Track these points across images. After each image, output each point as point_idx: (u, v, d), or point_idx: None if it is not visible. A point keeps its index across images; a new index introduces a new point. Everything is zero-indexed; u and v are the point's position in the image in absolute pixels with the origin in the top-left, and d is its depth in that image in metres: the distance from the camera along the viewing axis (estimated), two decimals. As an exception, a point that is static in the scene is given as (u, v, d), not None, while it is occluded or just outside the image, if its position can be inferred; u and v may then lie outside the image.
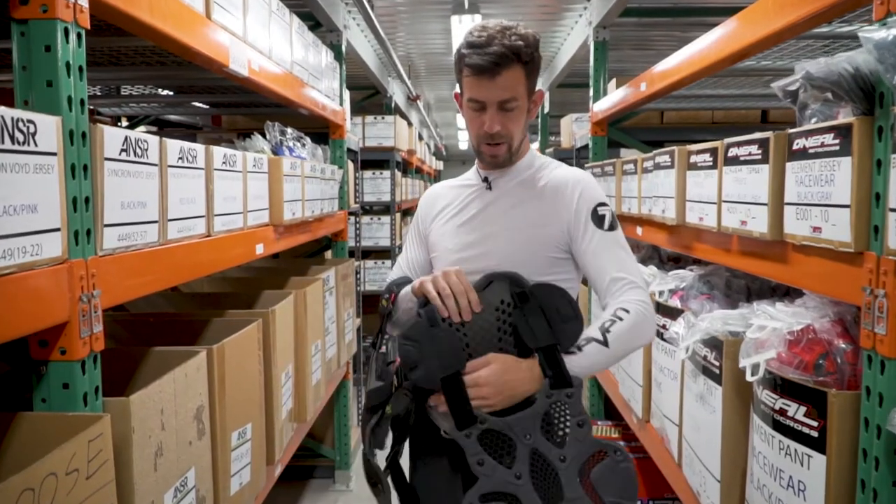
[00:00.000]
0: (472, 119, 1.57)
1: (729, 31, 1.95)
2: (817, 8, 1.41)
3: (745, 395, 1.68)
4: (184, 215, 1.59)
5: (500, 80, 1.49)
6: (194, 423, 1.54)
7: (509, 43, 1.48)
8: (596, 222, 1.56)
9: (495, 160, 1.59)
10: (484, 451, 1.33)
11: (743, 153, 1.60)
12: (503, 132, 1.54)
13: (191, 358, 1.54)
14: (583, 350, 1.43)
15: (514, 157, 1.61)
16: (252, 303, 2.46)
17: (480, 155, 1.61)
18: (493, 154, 1.58)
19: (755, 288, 2.11)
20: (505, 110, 1.52)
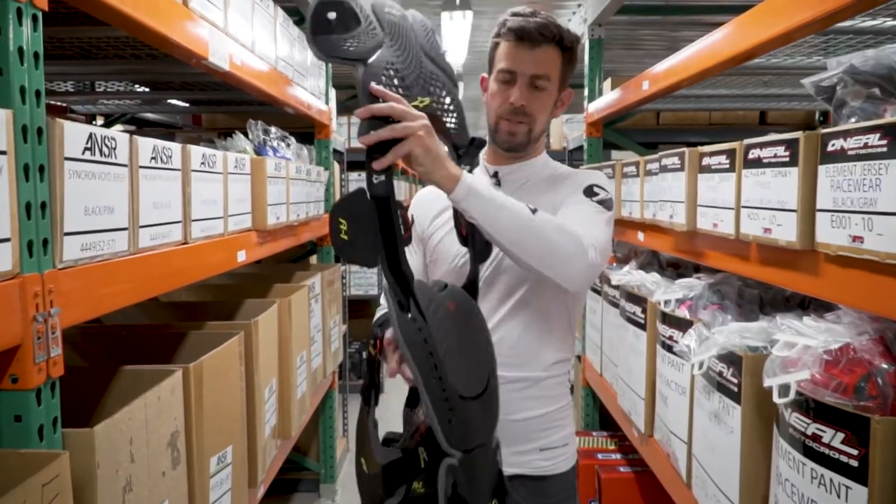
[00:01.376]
0: (497, 93, 1.48)
1: (740, 26, 1.83)
2: (841, 4, 1.30)
3: (766, 415, 1.56)
4: (157, 221, 1.44)
5: (539, 52, 1.44)
6: (168, 451, 1.40)
7: (554, 22, 1.45)
8: (585, 192, 1.46)
9: (512, 140, 1.48)
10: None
11: (767, 155, 1.48)
12: (528, 110, 1.46)
13: (165, 379, 1.39)
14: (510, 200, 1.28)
15: (530, 146, 1.51)
16: (233, 312, 2.31)
17: (497, 134, 1.50)
18: (511, 130, 1.47)
19: (768, 298, 2.00)
20: (535, 88, 1.45)
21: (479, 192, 1.24)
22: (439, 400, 1.17)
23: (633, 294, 2.42)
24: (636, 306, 2.39)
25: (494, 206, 1.25)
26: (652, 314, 2.24)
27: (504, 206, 1.26)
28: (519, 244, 1.29)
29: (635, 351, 2.43)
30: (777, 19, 1.62)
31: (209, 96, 3.04)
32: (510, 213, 1.26)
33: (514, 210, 1.27)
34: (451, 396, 1.19)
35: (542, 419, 1.50)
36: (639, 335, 2.38)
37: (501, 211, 1.26)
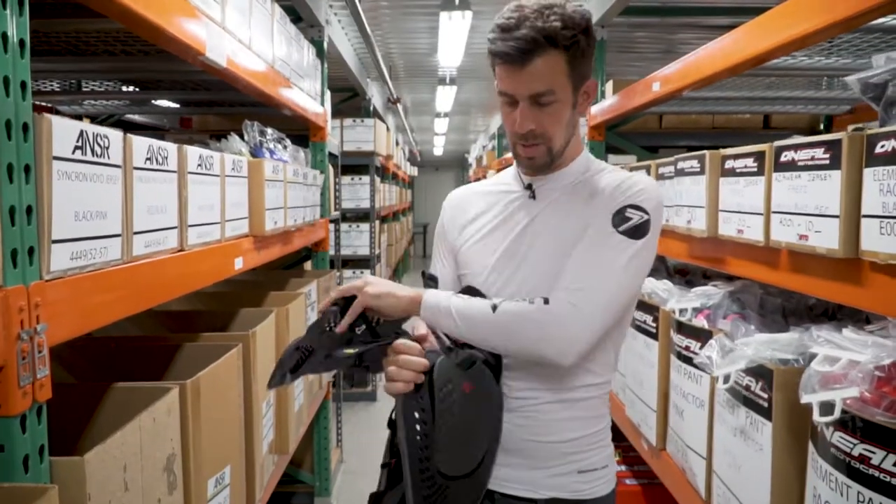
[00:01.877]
0: (505, 115, 1.35)
1: (757, 29, 1.76)
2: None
3: (800, 433, 1.47)
4: (153, 227, 1.34)
5: (532, 69, 1.25)
6: (164, 475, 1.29)
7: (543, 25, 1.23)
8: (614, 219, 1.30)
9: (532, 164, 1.36)
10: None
11: (803, 157, 1.39)
12: (538, 131, 1.31)
13: (160, 398, 1.29)
14: (470, 302, 1.29)
15: (556, 160, 1.37)
16: (228, 322, 2.21)
17: (517, 157, 1.38)
18: (528, 156, 1.35)
19: (790, 307, 1.92)
20: (540, 105, 1.28)
21: (439, 308, 1.29)
22: (417, 471, 1.23)
23: (644, 302, 2.34)
24: (647, 315, 2.31)
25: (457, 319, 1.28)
26: (665, 323, 2.16)
27: (464, 314, 1.28)
28: (492, 344, 1.31)
29: (646, 361, 2.35)
30: (795, 21, 1.55)
31: (200, 97, 2.93)
32: (472, 320, 1.28)
33: (475, 315, 1.28)
34: (431, 472, 1.23)
35: (582, 440, 1.40)
36: (650, 345, 2.30)
37: (464, 323, 1.28)
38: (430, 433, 1.22)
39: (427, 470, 1.22)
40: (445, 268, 1.48)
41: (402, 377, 1.22)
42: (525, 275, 1.36)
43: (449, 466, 1.24)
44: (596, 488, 1.42)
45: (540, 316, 1.24)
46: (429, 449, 1.22)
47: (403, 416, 1.22)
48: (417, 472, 1.22)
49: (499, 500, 1.41)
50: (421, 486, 1.22)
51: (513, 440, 1.38)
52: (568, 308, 1.24)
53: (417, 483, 1.22)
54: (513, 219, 1.41)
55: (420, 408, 1.22)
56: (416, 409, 1.22)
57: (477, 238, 1.44)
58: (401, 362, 1.23)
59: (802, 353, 1.54)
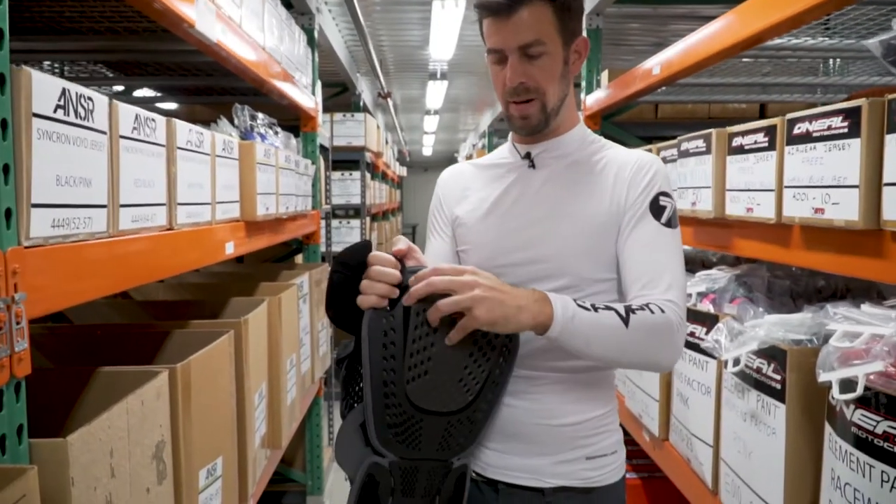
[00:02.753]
0: (495, 76, 1.29)
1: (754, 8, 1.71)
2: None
3: (815, 415, 1.42)
4: (140, 201, 1.27)
5: (519, 18, 1.22)
6: (153, 463, 1.22)
7: None
8: (654, 212, 1.28)
9: (527, 123, 1.30)
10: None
11: (818, 128, 1.34)
12: (530, 85, 1.25)
13: (149, 381, 1.22)
14: (598, 311, 1.16)
15: (551, 121, 1.31)
16: (218, 312, 2.13)
17: (510, 120, 1.32)
18: (522, 114, 1.28)
19: (799, 290, 1.87)
20: (529, 57, 1.24)
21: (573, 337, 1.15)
22: (380, 395, 1.13)
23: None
24: (649, 302, 2.25)
25: (589, 337, 1.16)
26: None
27: (587, 336, 1.16)
28: (616, 361, 1.25)
29: (648, 350, 2.29)
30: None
31: (186, 83, 2.85)
32: (600, 334, 1.17)
33: (603, 331, 1.17)
34: (398, 398, 1.13)
35: (588, 424, 1.33)
36: (652, 333, 2.24)
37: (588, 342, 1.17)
38: (397, 355, 1.12)
39: (392, 395, 1.12)
40: (444, 242, 1.41)
41: (374, 290, 1.11)
42: (534, 243, 1.30)
43: (422, 398, 1.14)
44: (605, 475, 1.35)
45: (667, 327, 1.19)
46: (395, 373, 1.12)
47: (369, 333, 1.11)
48: (381, 397, 1.12)
49: (503, 491, 1.34)
50: (384, 412, 1.13)
51: (514, 424, 1.31)
52: (677, 313, 1.22)
53: (380, 409, 1.12)
54: (514, 190, 1.35)
55: (390, 327, 1.12)
56: (385, 327, 1.12)
57: (477, 211, 1.37)
58: (373, 274, 1.12)
59: (816, 333, 1.49)
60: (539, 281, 1.28)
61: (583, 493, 1.31)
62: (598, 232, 1.29)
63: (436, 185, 1.48)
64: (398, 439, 1.15)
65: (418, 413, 1.14)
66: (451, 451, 1.22)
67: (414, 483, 1.19)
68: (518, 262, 1.30)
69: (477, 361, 1.18)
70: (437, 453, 1.20)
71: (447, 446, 1.20)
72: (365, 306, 1.12)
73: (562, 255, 1.28)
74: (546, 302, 1.14)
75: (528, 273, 1.29)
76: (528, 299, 1.13)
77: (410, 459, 1.18)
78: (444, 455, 1.21)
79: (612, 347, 1.17)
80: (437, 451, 1.20)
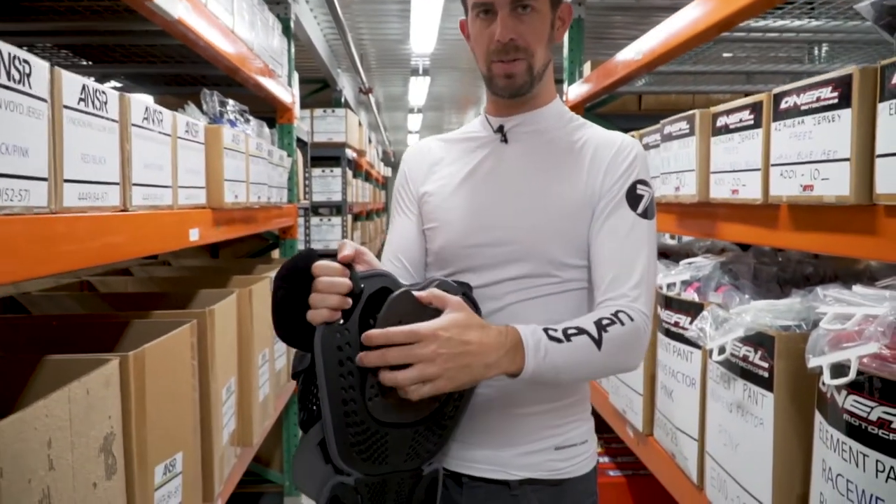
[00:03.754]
0: (479, 33, 1.22)
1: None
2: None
3: (804, 403, 1.36)
4: (88, 178, 1.19)
5: None
6: (101, 457, 1.14)
7: None
8: (630, 201, 1.22)
9: (511, 83, 1.22)
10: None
11: (806, 101, 1.28)
12: (520, 42, 1.19)
13: (96, 368, 1.13)
14: (571, 340, 1.09)
15: (535, 85, 1.25)
16: (185, 304, 2.05)
17: (493, 81, 1.24)
18: (507, 72, 1.21)
19: (786, 277, 1.81)
20: (520, 13, 1.18)
21: (543, 374, 1.09)
22: (340, 414, 1.03)
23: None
24: (632, 293, 2.19)
25: (554, 371, 1.10)
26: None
27: (563, 367, 1.10)
28: (584, 379, 1.28)
29: (631, 342, 2.23)
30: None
31: (157, 70, 2.76)
32: (575, 362, 1.12)
33: (578, 359, 1.12)
34: (359, 416, 1.04)
35: (556, 412, 1.26)
36: (636, 325, 2.18)
37: (563, 372, 1.11)
38: (355, 371, 1.03)
39: (354, 413, 1.04)
40: (409, 221, 1.34)
41: (325, 303, 1.01)
42: (505, 221, 1.23)
43: (385, 413, 1.06)
44: (575, 466, 1.28)
45: (636, 337, 1.16)
46: (354, 390, 1.03)
47: (323, 351, 1.02)
48: (341, 416, 1.03)
49: (467, 485, 1.26)
50: (345, 431, 1.04)
51: (478, 414, 1.23)
52: (644, 318, 1.18)
53: (341, 428, 1.03)
54: (484, 165, 1.28)
55: (345, 342, 1.03)
56: (340, 342, 1.03)
57: (445, 188, 1.30)
58: (321, 286, 1.03)
59: (805, 319, 1.43)
60: (507, 265, 1.22)
61: (551, 485, 1.24)
62: (570, 214, 1.23)
63: (401, 161, 1.41)
64: (362, 457, 1.07)
65: (382, 428, 1.07)
66: (421, 459, 1.15)
67: (383, 497, 1.12)
68: (485, 243, 1.23)
69: None
70: (406, 464, 1.13)
71: (415, 455, 1.13)
72: (317, 322, 1.03)
73: (531, 237, 1.21)
74: (518, 350, 1.07)
75: (495, 256, 1.22)
76: (497, 353, 1.05)
77: (377, 475, 1.10)
78: (412, 465, 1.14)
79: (583, 372, 1.15)
80: (406, 462, 1.13)
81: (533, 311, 1.23)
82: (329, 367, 1.02)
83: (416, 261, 1.32)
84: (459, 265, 1.26)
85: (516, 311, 1.23)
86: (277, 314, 1.08)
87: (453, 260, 1.26)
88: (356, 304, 1.04)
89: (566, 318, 1.23)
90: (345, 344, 1.03)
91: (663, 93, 3.33)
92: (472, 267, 1.24)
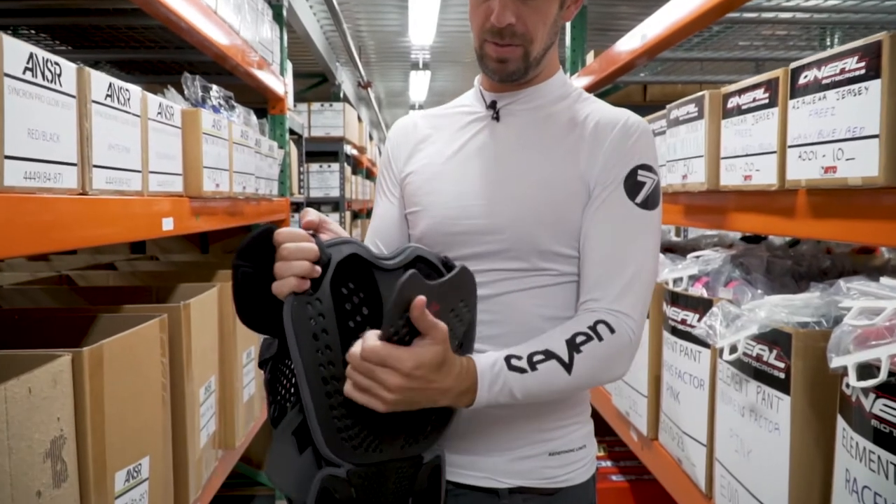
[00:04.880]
0: (477, 6, 1.09)
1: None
2: None
3: (825, 407, 1.25)
4: (37, 156, 1.08)
5: None
6: (47, 462, 1.03)
7: None
8: (628, 189, 1.09)
9: (503, 68, 1.10)
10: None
11: (827, 74, 1.17)
12: (518, 28, 1.06)
13: (42, 365, 1.02)
14: (536, 368, 1.00)
15: (531, 71, 1.12)
16: (165, 298, 1.94)
17: (484, 61, 1.12)
18: (500, 57, 1.08)
19: (801, 271, 1.69)
20: None
21: (499, 402, 1.02)
22: (321, 396, 0.93)
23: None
24: (636, 289, 2.07)
25: (522, 399, 1.03)
26: (656, 296, 1.92)
27: (530, 395, 1.03)
28: (571, 393, 1.14)
29: (635, 341, 2.12)
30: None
31: (139, 55, 2.64)
32: (542, 390, 1.03)
33: (545, 386, 1.03)
34: (343, 396, 0.93)
35: (552, 415, 1.14)
36: (640, 322, 2.06)
37: (531, 397, 1.03)
38: (333, 345, 0.92)
39: (337, 393, 0.92)
40: (391, 205, 1.22)
41: (291, 270, 0.90)
42: (493, 207, 1.11)
43: None
44: (572, 474, 1.16)
45: (617, 351, 1.06)
46: (335, 366, 0.92)
47: (294, 325, 0.91)
48: (323, 398, 0.92)
49: (452, 492, 1.15)
50: (329, 415, 0.93)
51: (463, 416, 1.11)
52: (630, 327, 1.07)
53: (324, 412, 0.93)
54: (472, 145, 1.16)
55: (318, 312, 0.92)
56: (312, 313, 0.92)
57: (429, 169, 1.18)
58: (286, 253, 0.92)
59: (825, 315, 1.31)
60: (493, 256, 1.10)
61: (545, 494, 1.12)
62: (563, 200, 1.10)
63: (387, 138, 1.30)
64: (352, 444, 0.95)
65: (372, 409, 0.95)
66: (421, 446, 1.03)
67: (381, 488, 1.00)
68: (468, 231, 1.11)
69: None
70: (404, 451, 1.01)
71: (414, 441, 1.01)
72: (284, 293, 0.92)
73: (518, 226, 1.09)
74: (471, 391, 0.99)
75: (480, 245, 1.10)
76: (450, 394, 0.97)
77: (372, 464, 0.98)
78: (411, 452, 1.02)
79: (547, 397, 1.06)
80: (403, 449, 1.01)
81: (530, 301, 1.12)
82: (303, 343, 0.91)
83: (399, 237, 1.21)
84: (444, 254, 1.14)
85: (511, 302, 1.11)
86: (239, 297, 0.97)
87: (436, 248, 1.14)
88: (325, 272, 0.93)
89: (565, 310, 1.12)
90: (317, 315, 0.92)
91: (669, 83, 3.22)
92: (457, 257, 1.12)
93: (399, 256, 0.99)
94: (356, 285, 0.97)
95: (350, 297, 0.96)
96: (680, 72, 3.07)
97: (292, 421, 0.98)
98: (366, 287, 0.97)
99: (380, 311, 0.96)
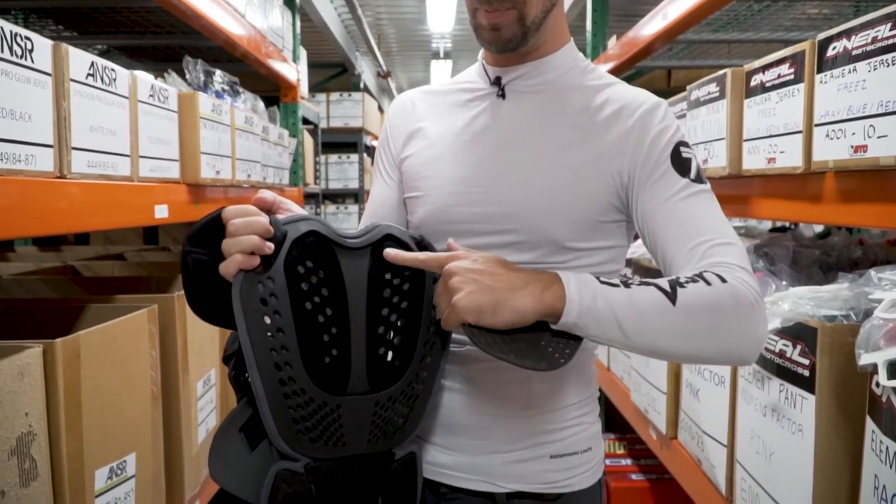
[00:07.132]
0: None
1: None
2: None
3: (850, 406, 1.15)
4: (10, 136, 1.02)
5: None
6: (13, 460, 0.97)
7: None
8: (678, 167, 0.97)
9: (497, 36, 0.99)
10: None
11: (860, 43, 1.06)
12: None
13: (6, 357, 0.97)
14: (631, 287, 0.85)
15: (529, 38, 1.00)
16: (166, 289, 1.89)
17: (479, 31, 1.01)
18: (492, 24, 0.98)
19: (830, 262, 1.58)
20: None
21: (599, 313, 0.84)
22: (273, 382, 0.86)
23: (646, 267, 2.02)
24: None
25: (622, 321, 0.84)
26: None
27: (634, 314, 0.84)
28: (673, 353, 0.88)
29: (654, 336, 2.02)
30: None
31: (145, 41, 2.59)
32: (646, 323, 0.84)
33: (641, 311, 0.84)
34: (299, 382, 0.86)
35: (554, 414, 1.05)
36: (659, 316, 1.97)
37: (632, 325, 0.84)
38: (286, 328, 0.85)
39: (291, 380, 0.85)
40: (388, 188, 1.14)
41: (240, 246, 0.83)
42: (497, 193, 1.01)
43: (335, 376, 0.89)
44: (575, 479, 1.06)
45: (733, 301, 0.86)
46: (288, 350, 0.85)
47: (243, 305, 0.84)
48: (275, 385, 0.85)
49: (446, 496, 1.07)
50: (283, 404, 0.86)
51: (458, 413, 1.04)
52: (744, 279, 0.89)
53: (277, 401, 0.85)
54: (475, 125, 1.06)
55: (269, 292, 0.84)
56: (263, 293, 0.84)
57: (429, 151, 1.08)
58: (235, 229, 0.84)
59: (854, 308, 1.21)
60: (496, 250, 0.98)
61: (545, 500, 1.04)
62: (580, 188, 0.99)
63: (385, 116, 1.21)
64: (310, 436, 0.88)
65: (332, 398, 0.88)
66: (391, 441, 0.95)
67: (345, 485, 0.92)
68: (471, 220, 1.02)
69: (400, 314, 0.93)
70: (371, 446, 0.93)
71: (382, 435, 0.94)
72: (231, 271, 0.84)
73: (526, 216, 0.99)
74: (554, 281, 0.85)
75: (484, 236, 1.01)
76: (527, 279, 0.85)
77: (334, 459, 0.91)
78: (379, 447, 0.94)
79: (659, 333, 0.85)
80: (370, 444, 0.93)
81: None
82: (253, 325, 0.84)
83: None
84: (444, 245, 1.05)
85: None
86: (190, 286, 0.90)
87: (436, 237, 1.04)
88: (279, 250, 0.86)
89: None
90: (269, 296, 0.85)
91: (694, 67, 3.09)
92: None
93: (366, 235, 0.91)
94: (315, 264, 0.89)
95: (307, 276, 0.88)
96: (706, 56, 2.95)
97: (240, 414, 0.91)
98: (326, 266, 0.90)
99: (341, 292, 0.89)
